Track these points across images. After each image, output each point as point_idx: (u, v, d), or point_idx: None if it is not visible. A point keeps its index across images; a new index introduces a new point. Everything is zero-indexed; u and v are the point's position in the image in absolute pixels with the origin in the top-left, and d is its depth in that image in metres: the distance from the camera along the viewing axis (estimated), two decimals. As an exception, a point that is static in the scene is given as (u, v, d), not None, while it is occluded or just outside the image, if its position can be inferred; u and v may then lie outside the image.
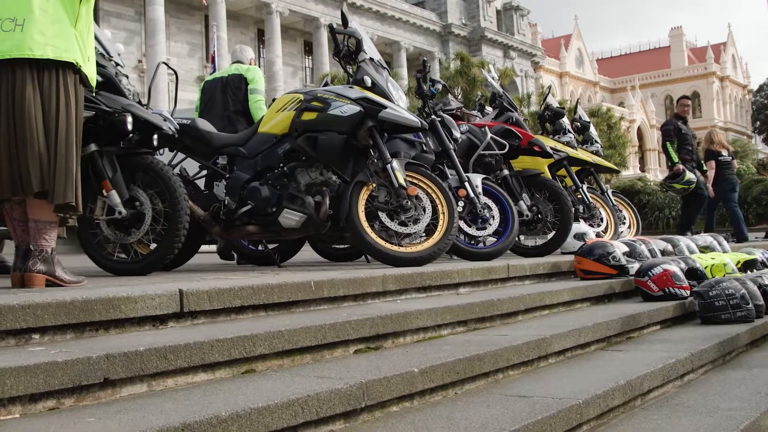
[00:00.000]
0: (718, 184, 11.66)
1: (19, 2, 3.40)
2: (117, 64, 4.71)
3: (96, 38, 4.56)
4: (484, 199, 6.07)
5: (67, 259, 4.39)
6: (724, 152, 11.82)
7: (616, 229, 8.21)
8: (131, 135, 4.49)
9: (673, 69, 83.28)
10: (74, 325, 2.66)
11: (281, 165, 5.21)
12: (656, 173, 62.51)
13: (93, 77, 3.73)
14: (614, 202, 8.67)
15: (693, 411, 3.25)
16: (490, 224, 6.05)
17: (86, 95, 4.34)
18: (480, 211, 5.99)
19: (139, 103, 4.70)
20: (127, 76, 4.80)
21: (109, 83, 4.54)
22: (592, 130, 9.33)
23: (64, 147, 3.45)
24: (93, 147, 4.41)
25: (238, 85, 7.15)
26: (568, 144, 8.07)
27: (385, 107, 5.02)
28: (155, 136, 4.71)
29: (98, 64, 4.47)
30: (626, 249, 5.89)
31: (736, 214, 11.73)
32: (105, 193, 4.42)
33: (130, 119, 4.38)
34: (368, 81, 5.16)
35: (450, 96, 8.05)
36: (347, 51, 5.48)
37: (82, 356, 2.26)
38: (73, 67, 3.51)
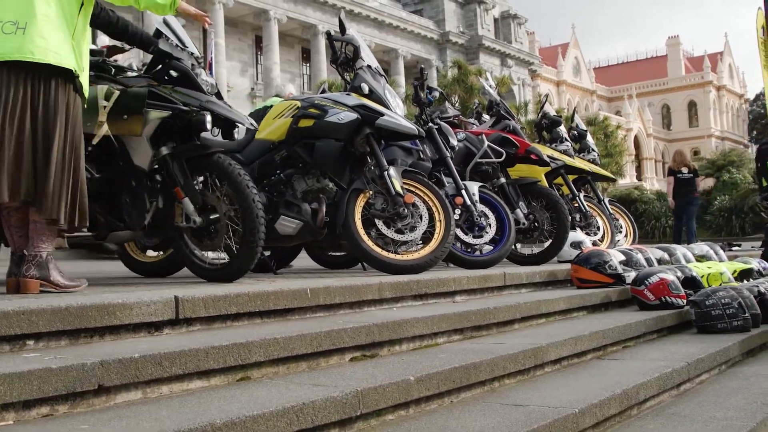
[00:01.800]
0: (677, 199, 13.00)
1: (21, 6, 3.37)
2: (192, 54, 4.44)
3: (169, 26, 4.41)
4: (480, 207, 6.06)
5: (66, 265, 4.37)
6: (684, 170, 12.93)
7: (613, 237, 8.21)
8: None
9: (670, 78, 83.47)
10: (69, 332, 2.65)
11: (278, 172, 5.20)
12: (653, 182, 62.67)
13: (86, 88, 3.64)
14: (611, 211, 8.67)
15: (689, 420, 3.25)
16: (487, 232, 6.05)
17: (162, 93, 4.20)
18: (477, 219, 5.99)
19: (218, 95, 4.45)
20: (204, 68, 4.53)
21: (185, 78, 4.29)
22: (589, 138, 9.34)
23: (56, 158, 3.37)
24: (165, 150, 4.23)
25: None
26: (565, 152, 8.07)
27: (382, 114, 5.02)
28: (236, 131, 4.49)
29: (173, 57, 4.30)
30: (623, 258, 5.89)
31: (678, 225, 13.21)
32: (179, 201, 4.23)
33: (209, 118, 4.16)
34: (365, 88, 5.16)
35: (447, 104, 8.04)
36: (345, 58, 5.48)
37: (76, 363, 2.26)
38: (70, 75, 3.47)
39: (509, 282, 5.17)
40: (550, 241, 6.94)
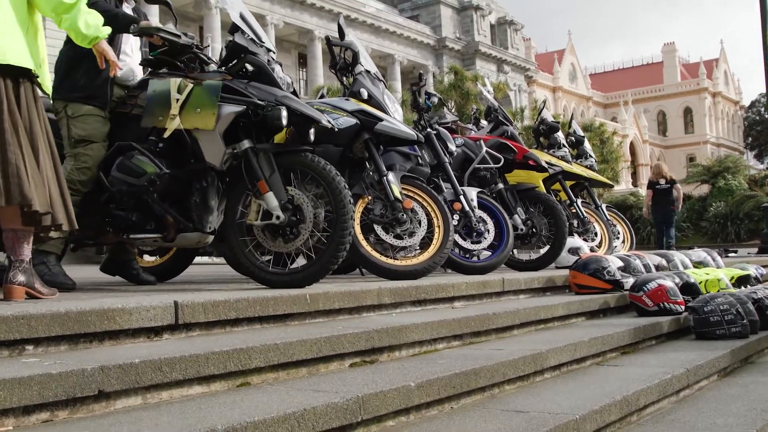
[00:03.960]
0: (656, 208, 13.89)
1: None
2: (269, 50, 4.32)
3: (245, 20, 4.29)
4: (479, 212, 6.07)
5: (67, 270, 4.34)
6: (662, 181, 13.88)
7: (610, 243, 8.23)
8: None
9: (665, 84, 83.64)
10: (68, 337, 2.64)
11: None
12: (648, 188, 62.71)
13: (47, 85, 3.49)
14: (608, 217, 8.69)
15: (689, 427, 3.24)
16: (485, 238, 6.05)
17: (237, 88, 4.06)
18: (475, 224, 5.99)
19: (294, 93, 4.34)
20: (280, 64, 4.42)
21: (261, 73, 4.18)
22: (587, 144, 9.36)
23: (45, 161, 3.28)
24: (246, 144, 4.10)
25: None
26: (562, 158, 8.09)
27: (381, 120, 5.02)
28: (312, 131, 4.31)
29: (249, 52, 4.18)
30: (621, 264, 5.89)
31: (660, 233, 14.20)
32: (260, 195, 4.05)
33: (284, 113, 4.01)
34: (364, 93, 5.16)
35: (445, 109, 8.05)
36: (343, 63, 5.48)
37: (76, 368, 2.24)
38: (29, 74, 3.35)
39: (508, 288, 5.16)
40: (548, 246, 6.95)
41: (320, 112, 4.39)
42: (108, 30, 3.65)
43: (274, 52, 4.39)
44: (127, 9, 4.48)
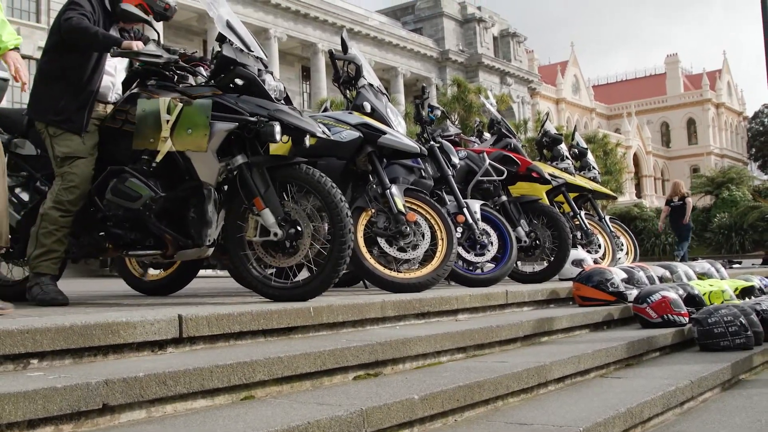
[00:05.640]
0: (671, 222, 15.04)
1: None
2: (258, 58, 4.21)
3: (232, 29, 4.18)
4: (482, 225, 6.07)
5: (69, 284, 4.36)
6: (675, 198, 14.93)
7: (614, 255, 8.22)
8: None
9: (668, 96, 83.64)
10: (73, 350, 2.65)
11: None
12: (652, 200, 62.69)
13: None
14: (612, 229, 8.69)
15: (694, 439, 3.24)
16: (489, 250, 6.06)
17: (227, 103, 3.97)
18: (478, 237, 5.99)
19: (286, 100, 4.25)
20: (271, 72, 4.30)
21: (252, 85, 4.08)
22: (590, 156, 9.36)
23: None
24: (240, 159, 4.04)
25: None
26: (565, 170, 8.11)
27: (384, 133, 5.04)
28: (307, 138, 4.17)
29: (238, 63, 4.08)
30: (625, 275, 5.89)
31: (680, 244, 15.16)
32: (257, 212, 4.01)
33: (278, 129, 3.93)
34: (368, 107, 5.18)
35: (448, 122, 8.07)
36: (347, 77, 5.51)
37: (81, 382, 2.25)
38: None
39: (511, 300, 5.16)
40: (552, 259, 6.94)
41: (316, 123, 4.34)
42: (16, 41, 3.45)
43: (265, 59, 4.30)
44: (114, 30, 4.35)
